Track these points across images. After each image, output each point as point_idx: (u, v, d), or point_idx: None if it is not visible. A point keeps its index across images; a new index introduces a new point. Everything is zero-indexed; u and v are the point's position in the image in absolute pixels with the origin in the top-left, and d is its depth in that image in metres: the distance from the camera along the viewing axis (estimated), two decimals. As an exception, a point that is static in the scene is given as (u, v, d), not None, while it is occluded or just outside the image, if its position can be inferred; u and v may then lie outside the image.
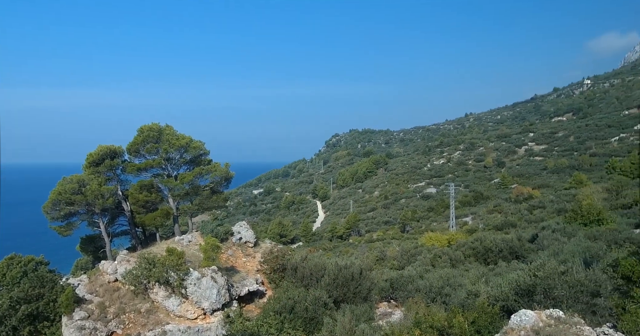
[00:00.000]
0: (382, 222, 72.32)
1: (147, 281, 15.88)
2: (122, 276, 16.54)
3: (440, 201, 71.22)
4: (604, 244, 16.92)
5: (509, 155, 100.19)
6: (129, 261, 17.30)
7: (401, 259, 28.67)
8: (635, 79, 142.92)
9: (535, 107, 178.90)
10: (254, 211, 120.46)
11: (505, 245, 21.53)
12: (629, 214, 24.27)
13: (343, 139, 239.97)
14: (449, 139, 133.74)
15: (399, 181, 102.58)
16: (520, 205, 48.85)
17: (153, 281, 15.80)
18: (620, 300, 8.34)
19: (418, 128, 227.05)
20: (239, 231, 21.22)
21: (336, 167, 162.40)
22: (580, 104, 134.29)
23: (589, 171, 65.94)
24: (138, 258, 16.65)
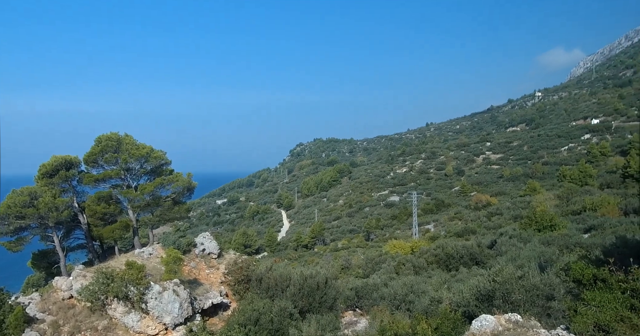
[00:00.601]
0: (346, 231, 72.75)
1: (104, 296, 15.18)
2: (78, 292, 15.72)
3: (404, 209, 72.58)
4: (556, 249, 17.80)
5: (468, 164, 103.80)
6: (85, 277, 16.49)
7: (366, 267, 28.92)
8: (580, 93, 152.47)
9: (492, 117, 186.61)
10: (218, 222, 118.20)
11: (466, 251, 22.16)
12: (579, 220, 25.65)
13: (307, 148, 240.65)
14: (411, 148, 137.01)
15: (363, 190, 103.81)
16: (480, 212, 50.46)
17: (111, 297, 15.12)
18: (572, 302, 8.74)
19: (381, 137, 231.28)
20: (202, 243, 20.75)
21: (301, 176, 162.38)
22: (532, 115, 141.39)
23: (541, 179, 69.29)
24: (95, 272, 15.89)
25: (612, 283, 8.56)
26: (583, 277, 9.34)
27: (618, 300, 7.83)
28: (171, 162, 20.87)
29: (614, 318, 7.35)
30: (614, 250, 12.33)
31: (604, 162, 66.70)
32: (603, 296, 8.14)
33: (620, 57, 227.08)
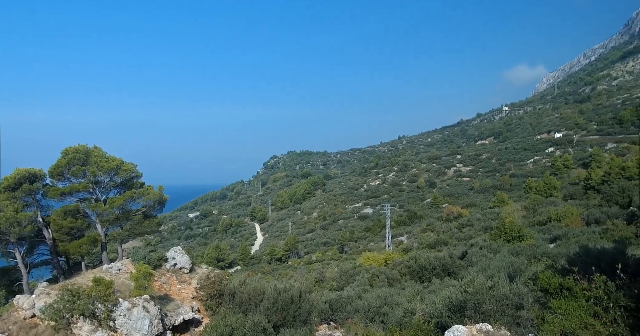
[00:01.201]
0: (320, 243, 72.56)
1: (70, 315, 14.53)
2: (41, 311, 14.99)
3: (377, 221, 73.14)
4: (524, 259, 18.31)
5: (440, 176, 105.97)
6: (49, 294, 15.75)
7: (340, 280, 28.87)
8: (544, 108, 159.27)
9: (462, 131, 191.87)
10: (190, 235, 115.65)
11: (438, 263, 22.48)
12: (545, 230, 26.54)
13: (281, 160, 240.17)
14: (384, 160, 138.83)
15: (336, 202, 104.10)
16: (451, 224, 51.40)
17: (77, 315, 14.49)
18: (540, 311, 9.00)
19: (354, 150, 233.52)
20: (173, 257, 20.24)
21: (274, 189, 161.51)
22: (500, 129, 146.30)
23: (509, 190, 71.47)
24: (60, 290, 15.21)
25: (577, 291, 8.88)
26: (550, 286, 9.66)
27: (582, 307, 8.13)
28: (142, 175, 20.42)
29: (579, 325, 7.63)
30: (577, 259, 12.81)
31: (567, 175, 69.52)
32: (568, 304, 8.44)
33: (580, 74, 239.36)
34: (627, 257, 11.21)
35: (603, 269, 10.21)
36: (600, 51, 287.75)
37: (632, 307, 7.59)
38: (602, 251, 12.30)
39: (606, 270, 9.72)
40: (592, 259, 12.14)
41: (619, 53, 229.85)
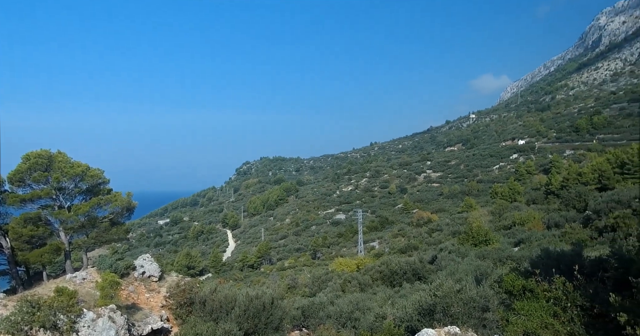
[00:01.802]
0: (293, 249, 72.29)
1: (29, 327, 13.89)
2: (-3, 324, 14.30)
3: (349, 226, 73.56)
4: (491, 262, 18.89)
5: (410, 182, 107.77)
6: (6, 306, 15.03)
7: (312, 286, 28.85)
8: (508, 116, 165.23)
9: (431, 137, 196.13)
10: (160, 243, 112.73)
11: (408, 267, 22.84)
12: (509, 234, 27.44)
13: (254, 166, 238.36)
14: (356, 166, 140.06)
15: (309, 208, 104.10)
16: (421, 229, 52.26)
17: (37, 327, 13.87)
18: (504, 312, 9.33)
19: (327, 156, 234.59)
20: (141, 265, 19.72)
21: (247, 195, 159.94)
22: (467, 136, 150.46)
23: (477, 196, 73.43)
24: (18, 301, 14.55)
25: (538, 292, 9.27)
26: (514, 288, 10.03)
27: (543, 308, 8.50)
28: (109, 181, 19.87)
29: (540, 325, 7.97)
30: (539, 262, 13.33)
31: (529, 180, 72.12)
32: (530, 305, 8.79)
33: (540, 84, 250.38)
34: (584, 259, 11.78)
35: (562, 271, 10.68)
36: (558, 62, 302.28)
37: (587, 306, 8.00)
38: (562, 254, 12.86)
39: (565, 272, 10.17)
40: (552, 261, 12.67)
41: (575, 65, 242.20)
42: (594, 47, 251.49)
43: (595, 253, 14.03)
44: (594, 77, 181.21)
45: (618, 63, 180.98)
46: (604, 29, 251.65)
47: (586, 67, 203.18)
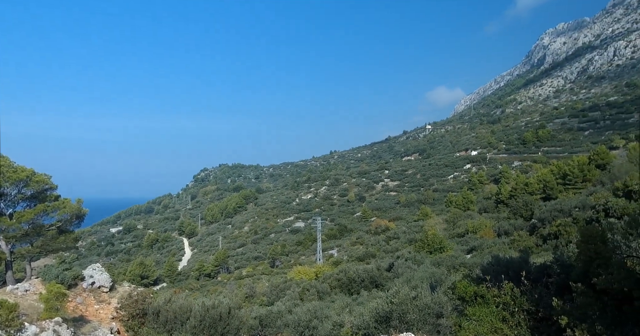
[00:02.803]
0: (251, 258, 71.29)
1: (-38, 345, 12.88)
2: None
3: (308, 234, 73.54)
4: (445, 269, 19.54)
5: (369, 190, 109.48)
6: (-64, 322, 13.84)
7: (270, 295, 28.56)
8: (462, 127, 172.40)
9: (389, 147, 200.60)
10: (111, 252, 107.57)
11: (366, 275, 23.15)
12: (463, 242, 28.51)
13: (212, 173, 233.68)
14: (316, 175, 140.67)
15: (268, 216, 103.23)
16: (379, 237, 53.07)
17: (-29, 345, 12.89)
18: (457, 318, 9.68)
19: (287, 164, 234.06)
20: (91, 275, 18.77)
21: (205, 202, 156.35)
22: (424, 146, 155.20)
23: (432, 204, 75.69)
24: (-49, 317, 13.45)
25: (489, 298, 9.70)
26: (466, 294, 10.43)
27: (493, 313, 8.91)
28: (57, 187, 18.81)
29: (490, 329, 8.35)
30: (490, 268, 13.95)
31: (481, 189, 75.30)
32: (481, 310, 9.19)
33: (492, 97, 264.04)
34: (530, 265, 12.47)
35: (511, 277, 11.23)
36: (507, 78, 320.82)
37: (532, 310, 8.48)
38: (510, 260, 13.54)
39: (513, 277, 10.71)
40: (502, 268, 13.31)
41: (522, 80, 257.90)
42: (539, 65, 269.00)
43: (540, 259, 14.87)
44: (539, 93, 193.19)
45: (560, 81, 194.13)
46: (548, 49, 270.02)
47: (532, 84, 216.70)
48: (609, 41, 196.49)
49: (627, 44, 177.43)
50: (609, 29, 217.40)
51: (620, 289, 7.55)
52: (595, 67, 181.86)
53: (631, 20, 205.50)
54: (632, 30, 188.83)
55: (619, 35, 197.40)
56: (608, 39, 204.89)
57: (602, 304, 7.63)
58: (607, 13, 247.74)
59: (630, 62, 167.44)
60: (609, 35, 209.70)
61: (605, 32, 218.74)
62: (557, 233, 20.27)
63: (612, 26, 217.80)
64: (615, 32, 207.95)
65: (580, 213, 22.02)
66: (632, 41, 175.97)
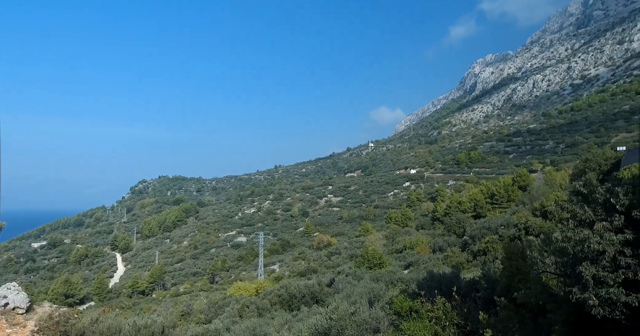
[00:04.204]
0: (190, 273, 68.63)
1: None
2: None
3: (250, 249, 72.33)
4: (383, 284, 20.09)
5: (312, 205, 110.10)
6: None
7: (208, 312, 27.64)
8: (402, 146, 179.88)
9: (333, 163, 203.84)
10: (32, 268, 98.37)
11: (307, 291, 23.17)
12: (401, 258, 29.51)
13: (151, 185, 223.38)
14: (260, 189, 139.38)
15: (209, 230, 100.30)
16: (321, 252, 53.41)
17: None
18: (393, 333, 10.05)
19: (230, 177, 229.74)
20: (4, 295, 17.13)
21: (142, 215, 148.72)
22: (366, 163, 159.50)
23: (373, 220, 77.62)
24: None
25: (423, 313, 10.18)
26: (402, 309, 10.87)
27: (426, 327, 9.37)
28: (-27, 198, 17.23)
29: (422, 343, 8.79)
30: (425, 284, 14.62)
31: (419, 207, 78.52)
32: (415, 325, 9.63)
33: (429, 119, 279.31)
34: (461, 280, 13.25)
35: (443, 292, 11.86)
36: (443, 102, 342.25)
37: (462, 324, 9.05)
38: (443, 276, 14.30)
39: (446, 292, 11.34)
40: (435, 283, 14.01)
41: (456, 105, 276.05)
42: (471, 91, 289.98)
43: (470, 274, 15.84)
44: (471, 117, 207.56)
45: (489, 107, 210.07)
46: (478, 77, 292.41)
47: (465, 108, 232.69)
48: (529, 74, 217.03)
49: (543, 77, 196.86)
50: (528, 63, 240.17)
51: (537, 302, 8.31)
52: (518, 97, 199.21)
53: (545, 57, 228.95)
54: (547, 66, 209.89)
55: (537, 69, 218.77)
56: (528, 72, 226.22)
57: (521, 317, 8.34)
58: (527, 49, 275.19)
59: (545, 94, 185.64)
60: (528, 69, 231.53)
61: (525, 65, 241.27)
62: (485, 250, 21.65)
63: (530, 61, 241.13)
64: (533, 66, 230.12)
65: (505, 231, 23.75)
66: (547, 75, 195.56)
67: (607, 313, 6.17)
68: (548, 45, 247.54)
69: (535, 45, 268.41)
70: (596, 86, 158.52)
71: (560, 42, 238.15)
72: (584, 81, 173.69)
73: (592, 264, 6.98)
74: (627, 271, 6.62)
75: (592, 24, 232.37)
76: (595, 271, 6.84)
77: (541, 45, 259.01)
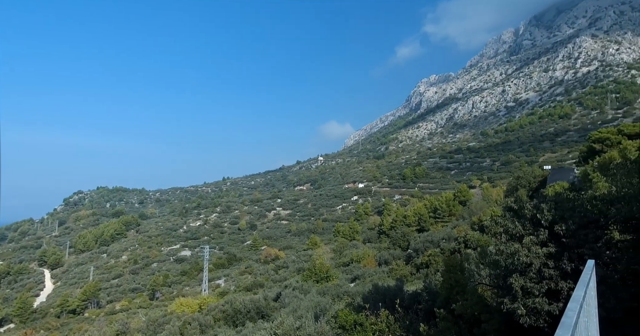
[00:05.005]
0: (128, 290, 64.93)
1: None
2: None
3: (195, 264, 69.94)
4: (330, 298, 20.23)
5: (261, 218, 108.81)
6: None
7: (147, 330, 26.27)
8: (351, 161, 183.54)
9: (283, 176, 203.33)
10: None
11: (253, 306, 22.78)
12: (347, 271, 29.88)
13: (88, 196, 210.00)
14: (207, 201, 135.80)
15: (151, 244, 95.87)
16: (268, 266, 52.75)
17: None
18: (339, 345, 10.18)
19: (176, 189, 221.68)
20: None
21: (76, 229, 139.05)
22: (316, 177, 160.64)
23: (321, 233, 78.03)
24: None
25: (367, 326, 10.42)
26: (346, 323, 11.06)
27: (370, 340, 9.60)
28: None
29: (366, 356, 8.97)
30: (370, 297, 14.94)
31: (366, 220, 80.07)
32: (360, 338, 9.84)
33: (377, 135, 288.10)
34: (404, 293, 13.70)
35: (387, 305, 12.19)
36: (391, 118, 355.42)
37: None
38: (388, 289, 14.70)
39: (389, 305, 11.67)
40: (380, 296, 14.37)
41: (403, 121, 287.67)
42: (417, 109, 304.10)
43: (413, 287, 16.39)
44: (417, 134, 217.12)
45: (433, 125, 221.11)
46: (423, 95, 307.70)
47: (411, 125, 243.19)
48: (469, 95, 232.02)
49: (481, 99, 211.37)
50: (468, 85, 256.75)
51: (472, 313, 8.80)
52: (459, 116, 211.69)
53: (483, 80, 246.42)
54: (484, 89, 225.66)
55: (475, 91, 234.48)
56: (468, 93, 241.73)
57: (458, 328, 8.78)
58: (467, 71, 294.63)
59: (483, 114, 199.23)
60: (468, 90, 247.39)
61: (465, 87, 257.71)
62: (428, 263, 22.51)
63: (470, 83, 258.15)
64: (472, 88, 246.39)
65: (446, 244, 24.86)
66: (484, 97, 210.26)
67: (533, 321, 6.69)
68: (485, 69, 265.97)
69: (474, 69, 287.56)
70: (526, 109, 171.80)
71: (495, 67, 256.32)
72: (517, 103, 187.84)
73: (521, 276, 7.56)
74: (550, 282, 7.23)
75: (522, 52, 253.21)
76: (523, 282, 7.40)
77: (479, 68, 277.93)
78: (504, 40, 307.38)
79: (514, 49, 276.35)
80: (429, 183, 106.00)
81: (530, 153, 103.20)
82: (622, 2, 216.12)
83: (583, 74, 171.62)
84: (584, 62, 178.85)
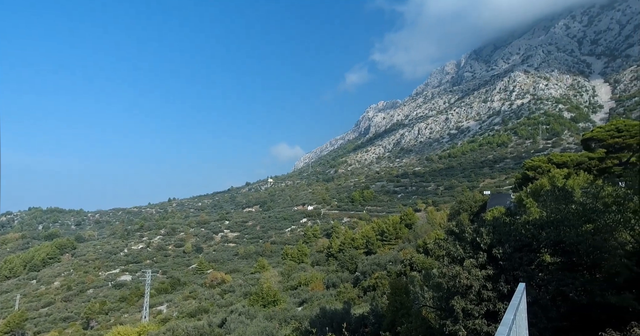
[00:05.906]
0: (59, 319, 59.72)
1: None
2: None
3: (135, 289, 66.01)
4: (277, 322, 19.89)
5: (207, 241, 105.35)
6: None
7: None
8: (300, 183, 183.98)
9: (231, 197, 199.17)
10: None
11: (196, 332, 21.85)
12: (295, 294, 29.57)
13: (18, 218, 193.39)
14: (151, 223, 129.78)
15: (88, 269, 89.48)
16: (214, 290, 51.05)
17: None
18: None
19: (117, 210, 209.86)
20: None
21: (3, 253, 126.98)
22: (265, 199, 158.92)
23: (270, 256, 76.81)
24: None
25: (314, 350, 10.36)
26: (294, 348, 10.95)
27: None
28: None
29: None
30: (317, 321, 14.89)
31: (315, 243, 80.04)
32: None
33: (327, 158, 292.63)
34: (351, 316, 13.82)
35: (334, 328, 12.22)
36: (340, 142, 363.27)
37: (350, 359, 9.39)
38: (335, 312, 14.75)
39: (336, 329, 11.71)
40: (327, 319, 14.37)
41: (352, 145, 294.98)
42: (365, 134, 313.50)
43: (360, 310, 16.54)
44: (365, 158, 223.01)
45: (381, 149, 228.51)
46: (372, 121, 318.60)
47: (360, 149, 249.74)
48: (415, 122, 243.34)
49: (426, 125, 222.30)
50: (414, 112, 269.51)
51: None
52: (405, 141, 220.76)
53: (428, 108, 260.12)
54: (429, 116, 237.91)
55: (421, 118, 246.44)
56: (414, 119, 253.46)
57: (403, 349, 8.98)
58: (413, 99, 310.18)
59: (428, 140, 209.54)
60: (414, 117, 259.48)
61: (412, 114, 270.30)
62: (375, 285, 22.82)
63: (416, 110, 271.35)
64: (418, 115, 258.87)
65: (393, 267, 25.40)
66: (429, 124, 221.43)
67: (473, 341, 7.02)
68: (430, 98, 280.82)
69: (420, 97, 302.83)
70: (468, 137, 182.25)
71: (439, 96, 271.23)
72: (459, 131, 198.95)
73: (462, 298, 7.94)
74: (489, 303, 7.66)
75: (464, 83, 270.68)
76: (464, 304, 7.78)
77: (424, 97, 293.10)
78: (447, 71, 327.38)
79: (456, 80, 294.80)
80: (376, 205, 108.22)
81: (472, 179, 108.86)
82: (549, 43, 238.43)
83: (518, 105, 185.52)
84: (518, 95, 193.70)
